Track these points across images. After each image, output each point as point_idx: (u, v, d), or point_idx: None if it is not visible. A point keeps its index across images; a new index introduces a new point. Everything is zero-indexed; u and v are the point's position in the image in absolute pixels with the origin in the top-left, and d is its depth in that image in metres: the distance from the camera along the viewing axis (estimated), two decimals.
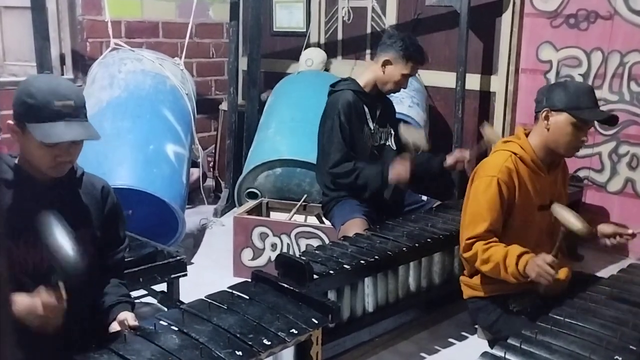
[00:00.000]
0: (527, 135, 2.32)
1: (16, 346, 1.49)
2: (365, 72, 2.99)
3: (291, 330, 1.76)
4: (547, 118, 2.22)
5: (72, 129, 1.62)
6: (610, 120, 2.29)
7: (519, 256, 2.07)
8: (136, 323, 1.73)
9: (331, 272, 2.24)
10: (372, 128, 2.94)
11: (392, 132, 3.04)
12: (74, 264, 1.52)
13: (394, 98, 3.21)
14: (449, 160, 2.92)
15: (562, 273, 2.24)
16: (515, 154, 2.26)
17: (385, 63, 2.87)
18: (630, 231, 2.24)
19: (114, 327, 1.75)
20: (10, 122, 1.66)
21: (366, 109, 2.92)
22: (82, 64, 4.35)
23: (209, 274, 3.19)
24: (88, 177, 1.83)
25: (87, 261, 1.81)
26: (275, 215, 3.53)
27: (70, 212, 1.75)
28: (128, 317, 1.75)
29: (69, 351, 1.62)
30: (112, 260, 1.89)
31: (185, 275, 2.66)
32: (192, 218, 3.90)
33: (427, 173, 2.97)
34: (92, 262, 1.82)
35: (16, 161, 1.71)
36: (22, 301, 1.54)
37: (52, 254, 1.53)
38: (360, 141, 2.89)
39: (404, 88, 2.96)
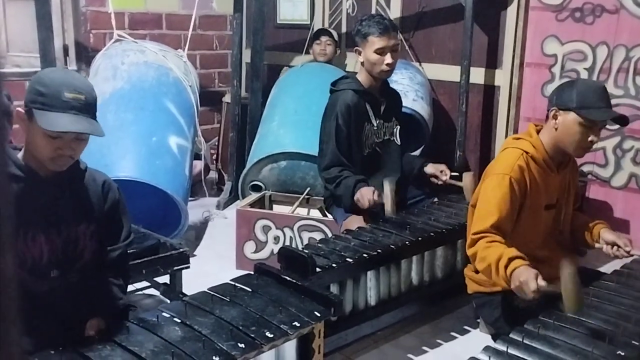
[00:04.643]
0: (538, 132, 2.30)
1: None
2: (359, 69, 2.98)
3: (293, 323, 1.76)
4: (555, 117, 2.19)
5: (78, 122, 1.61)
6: (620, 120, 2.24)
7: (511, 259, 1.97)
8: (92, 333, 1.71)
9: (334, 265, 2.24)
10: (375, 125, 2.92)
11: (398, 126, 3.03)
12: None
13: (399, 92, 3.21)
14: (430, 168, 2.97)
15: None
16: (526, 152, 2.23)
17: (358, 53, 2.87)
18: (628, 248, 2.23)
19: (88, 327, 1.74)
20: (20, 109, 1.66)
21: (368, 107, 2.90)
22: (85, 55, 4.35)
23: (211, 267, 3.20)
24: (90, 172, 1.82)
25: (89, 256, 1.81)
26: (278, 208, 3.52)
27: (71, 207, 1.75)
28: (91, 326, 1.73)
29: (69, 342, 1.62)
30: (111, 256, 1.86)
31: (188, 267, 2.67)
32: (194, 210, 3.91)
33: (408, 171, 3.02)
34: (93, 257, 1.82)
35: (19, 154, 1.70)
36: None
37: None
38: (360, 141, 2.88)
39: (391, 64, 2.79)
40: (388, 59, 2.79)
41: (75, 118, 1.61)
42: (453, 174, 2.94)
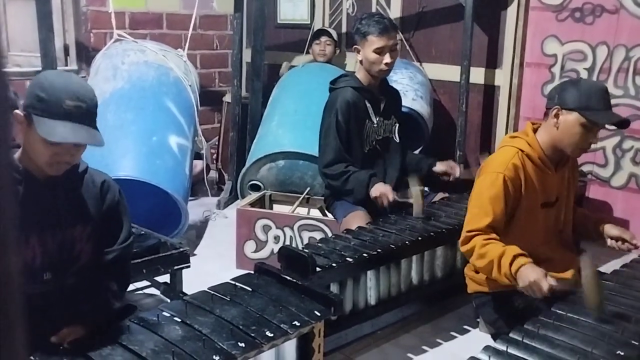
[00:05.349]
0: (535, 130, 2.30)
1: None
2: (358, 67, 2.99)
3: (293, 323, 1.76)
4: (557, 116, 2.18)
5: (77, 132, 1.59)
6: (622, 123, 2.25)
7: (515, 257, 1.99)
8: (62, 340, 1.63)
9: (334, 264, 2.24)
10: (375, 122, 2.93)
11: (397, 123, 3.04)
12: None
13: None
14: (439, 166, 3.00)
15: (568, 274, 2.24)
16: (522, 150, 2.24)
17: (356, 51, 2.87)
18: (635, 241, 2.24)
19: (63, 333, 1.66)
20: (18, 112, 1.63)
21: (368, 105, 2.90)
22: (86, 55, 4.36)
23: (211, 266, 3.20)
24: (90, 173, 1.79)
25: (85, 259, 1.79)
26: (278, 208, 3.53)
27: (67, 209, 1.73)
28: (65, 333, 1.65)
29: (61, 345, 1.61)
30: (108, 257, 1.82)
31: (188, 266, 2.67)
32: (195, 210, 3.91)
33: (415, 171, 3.01)
34: (90, 260, 1.80)
35: (16, 155, 1.68)
36: None
37: None
38: (359, 139, 2.88)
39: (389, 63, 2.80)
40: (387, 58, 2.79)
41: (75, 127, 1.58)
42: (462, 171, 2.97)
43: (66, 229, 1.72)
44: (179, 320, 1.75)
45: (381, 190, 2.69)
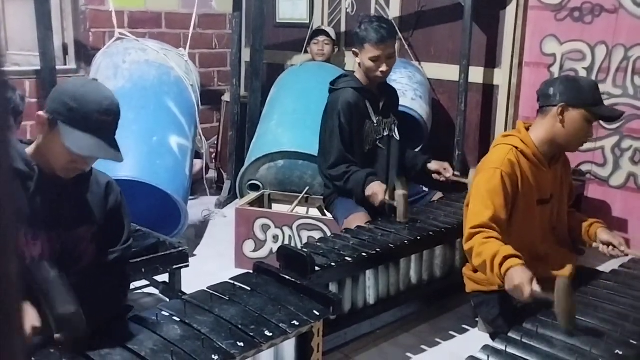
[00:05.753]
0: (527, 129, 2.32)
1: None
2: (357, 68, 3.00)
3: (292, 322, 1.77)
4: (562, 113, 2.20)
5: (103, 147, 1.62)
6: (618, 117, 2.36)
7: (506, 257, 1.99)
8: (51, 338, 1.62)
9: (333, 264, 2.24)
10: (375, 121, 2.94)
11: (396, 121, 3.05)
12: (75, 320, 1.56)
13: (397, 90, 3.21)
14: (434, 164, 3.02)
15: (566, 270, 2.25)
16: (516, 147, 2.25)
17: (355, 54, 2.88)
18: (622, 248, 2.26)
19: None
20: (42, 113, 1.63)
21: (368, 104, 2.91)
22: (84, 54, 4.35)
23: (210, 265, 3.20)
24: (94, 174, 1.81)
25: (88, 259, 1.79)
26: (277, 207, 3.53)
27: (73, 209, 1.74)
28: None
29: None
30: (110, 258, 1.82)
31: (187, 266, 2.67)
32: (194, 209, 3.91)
33: (411, 167, 3.06)
34: (93, 260, 1.80)
35: (28, 150, 1.69)
36: None
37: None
38: (361, 139, 2.89)
39: (384, 72, 2.82)
40: (383, 67, 2.82)
41: (100, 142, 1.61)
42: (455, 172, 2.98)
43: (71, 229, 1.73)
44: (178, 319, 1.75)
45: (373, 190, 2.70)
